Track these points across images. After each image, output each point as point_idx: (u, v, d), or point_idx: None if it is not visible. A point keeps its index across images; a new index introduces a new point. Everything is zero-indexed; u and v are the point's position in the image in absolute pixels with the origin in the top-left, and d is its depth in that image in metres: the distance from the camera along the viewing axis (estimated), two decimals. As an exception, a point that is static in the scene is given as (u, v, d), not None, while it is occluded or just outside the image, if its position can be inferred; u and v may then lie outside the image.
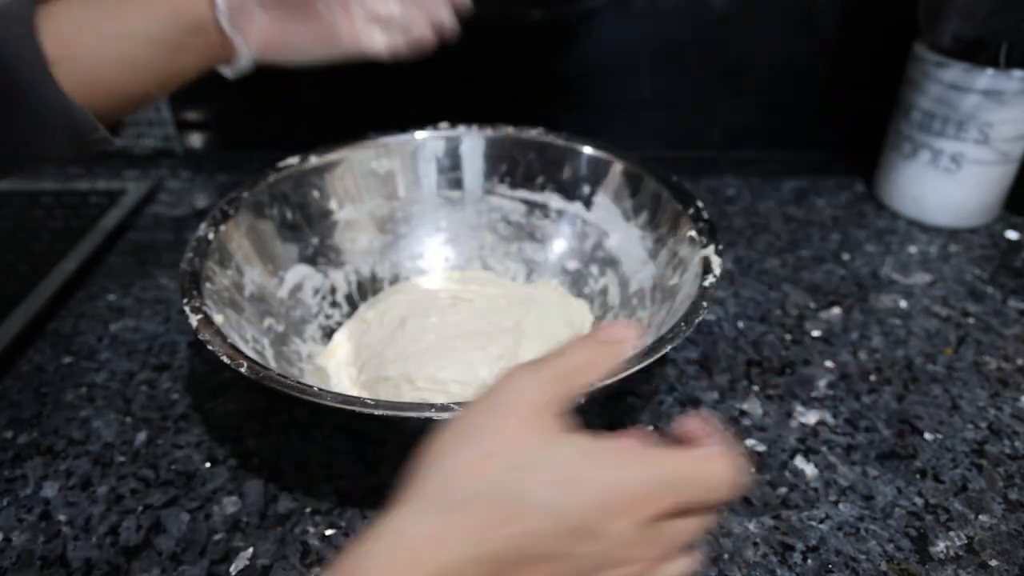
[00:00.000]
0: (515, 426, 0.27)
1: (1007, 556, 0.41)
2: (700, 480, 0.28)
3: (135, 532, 0.44)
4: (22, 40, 0.37)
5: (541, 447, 0.27)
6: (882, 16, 0.76)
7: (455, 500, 0.26)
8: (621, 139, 0.86)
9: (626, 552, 0.27)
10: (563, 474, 0.26)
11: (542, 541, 0.26)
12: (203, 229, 0.49)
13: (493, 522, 0.26)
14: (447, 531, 0.25)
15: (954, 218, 0.72)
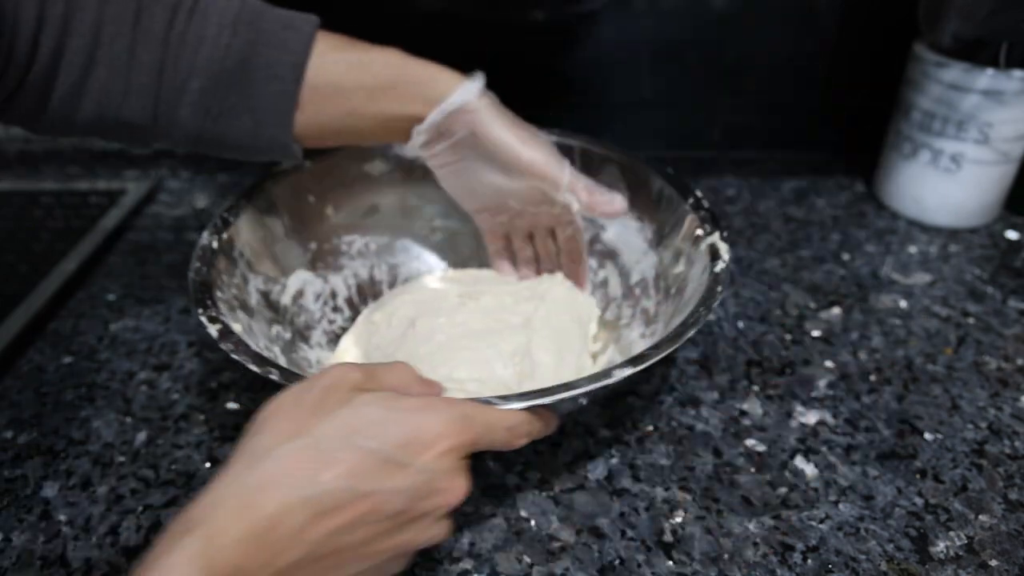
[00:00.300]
0: (331, 393, 0.32)
1: (1007, 556, 0.42)
2: (495, 421, 0.33)
3: (135, 532, 0.44)
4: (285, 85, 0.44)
5: (352, 404, 0.31)
6: (882, 16, 0.76)
7: (280, 451, 0.29)
8: (621, 139, 0.86)
9: (433, 483, 0.31)
10: (373, 420, 0.31)
11: (359, 479, 0.29)
12: (206, 238, 0.48)
13: (317, 467, 0.29)
14: (275, 477, 0.29)
15: (954, 218, 0.72)
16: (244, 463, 0.30)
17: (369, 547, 0.31)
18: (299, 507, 0.28)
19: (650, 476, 0.47)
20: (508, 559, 0.42)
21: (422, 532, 0.32)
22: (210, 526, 0.27)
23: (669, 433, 0.50)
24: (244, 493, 0.28)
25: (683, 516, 0.44)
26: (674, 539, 0.43)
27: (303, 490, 0.29)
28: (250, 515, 0.28)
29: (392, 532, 0.31)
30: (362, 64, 0.45)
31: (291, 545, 0.28)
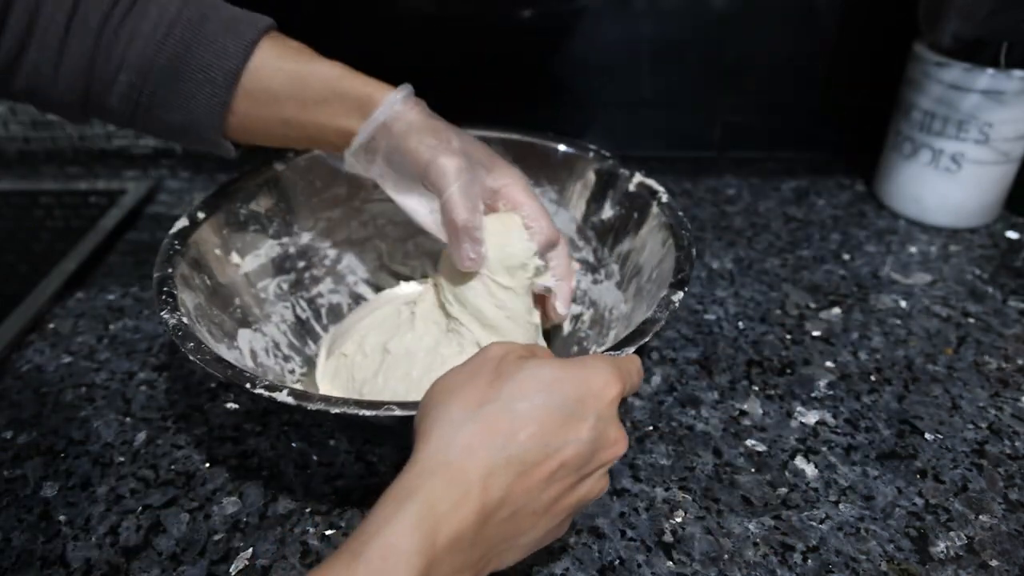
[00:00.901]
0: (503, 363, 0.33)
1: (1007, 556, 0.41)
2: (631, 366, 0.36)
3: (135, 532, 0.44)
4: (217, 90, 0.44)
5: (528, 367, 0.33)
6: (882, 16, 0.76)
7: (476, 416, 0.31)
8: (621, 139, 0.86)
9: (607, 433, 0.33)
10: (551, 378, 0.32)
11: (551, 435, 0.31)
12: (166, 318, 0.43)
13: (513, 427, 0.31)
14: (476, 441, 0.30)
15: (954, 218, 0.72)
16: (441, 433, 0.31)
17: (559, 503, 0.32)
18: (503, 467, 0.30)
19: (650, 476, 0.47)
20: (508, 559, 0.42)
21: (596, 485, 0.34)
22: (427, 494, 0.29)
23: (669, 433, 0.50)
24: (452, 460, 0.30)
25: (683, 516, 0.44)
26: (674, 539, 0.43)
27: (505, 450, 0.30)
28: (463, 479, 0.29)
29: (576, 486, 0.33)
30: (300, 76, 0.45)
31: (499, 506, 0.30)
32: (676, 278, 0.44)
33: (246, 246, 0.53)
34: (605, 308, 0.54)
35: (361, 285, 0.59)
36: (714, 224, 0.74)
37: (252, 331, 0.50)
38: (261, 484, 0.47)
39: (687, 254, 0.47)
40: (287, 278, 0.55)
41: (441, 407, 0.32)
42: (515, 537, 0.32)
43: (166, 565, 0.42)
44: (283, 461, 0.48)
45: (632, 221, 0.54)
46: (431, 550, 0.28)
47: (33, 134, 0.86)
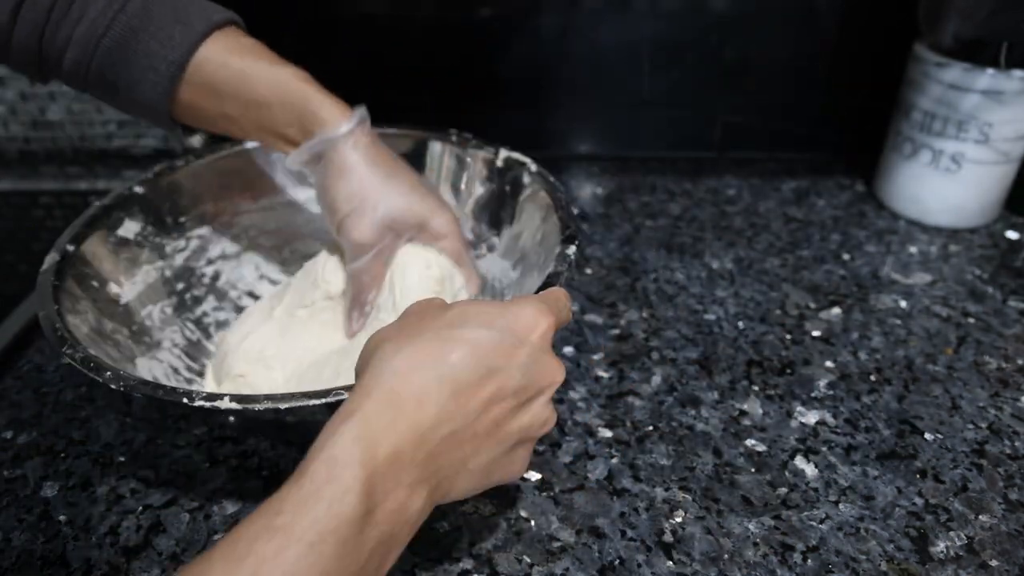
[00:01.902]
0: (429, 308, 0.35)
1: (1007, 556, 0.41)
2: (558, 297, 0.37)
3: (135, 532, 0.44)
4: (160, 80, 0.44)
5: (455, 306, 0.34)
6: (882, 16, 0.76)
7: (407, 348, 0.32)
8: (621, 139, 0.86)
9: (542, 361, 0.34)
10: (479, 311, 0.34)
11: (484, 357, 0.32)
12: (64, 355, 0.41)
13: (444, 351, 0.32)
14: (409, 365, 0.31)
15: (954, 218, 0.72)
16: (376, 366, 0.32)
17: (502, 428, 0.33)
18: (437, 386, 0.31)
19: (650, 476, 0.47)
20: (508, 559, 0.42)
21: (540, 414, 0.35)
22: (364, 412, 0.30)
23: (669, 433, 0.50)
24: (386, 383, 0.31)
25: (683, 516, 0.44)
26: (674, 539, 0.43)
27: (436, 370, 0.31)
28: (396, 399, 0.30)
29: (516, 412, 0.34)
30: (245, 75, 0.45)
31: (436, 424, 0.31)
32: (564, 235, 0.47)
33: (121, 274, 0.51)
34: (494, 279, 0.56)
35: (244, 299, 0.59)
36: (714, 224, 0.74)
37: (148, 359, 0.49)
38: (261, 484, 0.47)
39: (568, 212, 0.49)
40: (169, 302, 0.54)
41: (375, 350, 0.33)
42: (463, 460, 0.32)
43: (166, 565, 0.42)
44: (283, 461, 0.48)
45: (506, 194, 0.56)
46: (372, 462, 0.29)
47: (33, 134, 0.86)
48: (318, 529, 0.27)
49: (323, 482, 0.28)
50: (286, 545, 0.26)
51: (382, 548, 0.29)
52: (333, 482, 0.28)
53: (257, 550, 0.26)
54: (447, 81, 0.81)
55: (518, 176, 0.55)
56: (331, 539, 0.27)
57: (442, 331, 0.33)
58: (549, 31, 0.78)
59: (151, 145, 0.87)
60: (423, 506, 0.31)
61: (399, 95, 0.80)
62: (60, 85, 0.82)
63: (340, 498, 0.27)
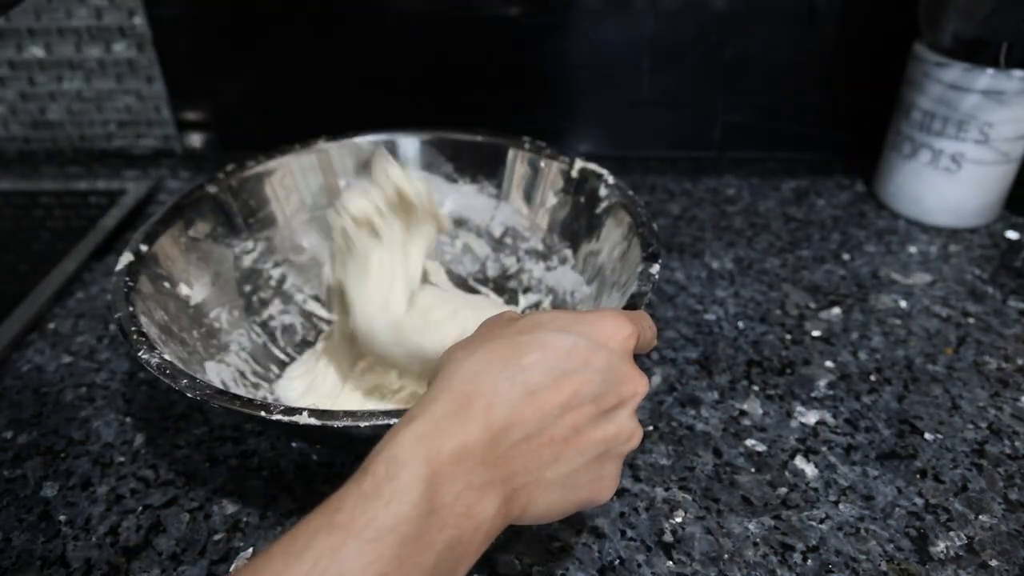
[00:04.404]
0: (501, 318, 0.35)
1: (1007, 556, 0.41)
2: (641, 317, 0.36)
3: (135, 532, 0.44)
4: None
5: (525, 317, 0.34)
6: (882, 16, 0.76)
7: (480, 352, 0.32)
8: (621, 139, 0.86)
9: (622, 368, 0.33)
10: (554, 316, 0.33)
11: (559, 360, 0.31)
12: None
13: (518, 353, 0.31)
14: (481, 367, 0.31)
15: (954, 218, 0.72)
16: (446, 371, 0.31)
17: (581, 437, 0.31)
18: (509, 386, 0.30)
19: (650, 476, 0.47)
20: (508, 559, 0.42)
21: (624, 425, 0.33)
22: (429, 413, 0.29)
23: (669, 433, 0.50)
24: (455, 386, 0.30)
25: (683, 516, 0.44)
26: (674, 539, 0.43)
27: (508, 371, 0.31)
28: (465, 401, 0.30)
29: (596, 421, 0.32)
30: None
31: (508, 426, 0.30)
32: (647, 252, 0.46)
33: (191, 275, 0.50)
34: (565, 292, 0.56)
35: (310, 303, 0.58)
36: (714, 224, 0.74)
37: (217, 363, 0.48)
38: (261, 484, 0.47)
39: (650, 229, 0.48)
40: (237, 304, 0.53)
41: (446, 360, 0.33)
42: (540, 469, 0.31)
43: (166, 565, 0.42)
44: (283, 461, 0.48)
45: (581, 206, 0.55)
46: (435, 460, 0.28)
47: (33, 134, 0.86)
48: (376, 527, 0.26)
49: (383, 480, 0.27)
50: (345, 541, 0.26)
51: (451, 555, 0.28)
52: (393, 480, 0.27)
53: (316, 545, 0.26)
54: (447, 81, 0.81)
55: (595, 188, 0.54)
56: (390, 538, 0.26)
57: (515, 336, 0.32)
58: (549, 31, 0.78)
59: (151, 145, 0.87)
60: (496, 513, 0.29)
61: (398, 96, 0.80)
62: (59, 84, 0.82)
63: (400, 496, 0.27)
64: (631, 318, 0.35)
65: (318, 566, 0.25)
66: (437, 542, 0.27)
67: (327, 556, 0.25)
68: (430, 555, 0.27)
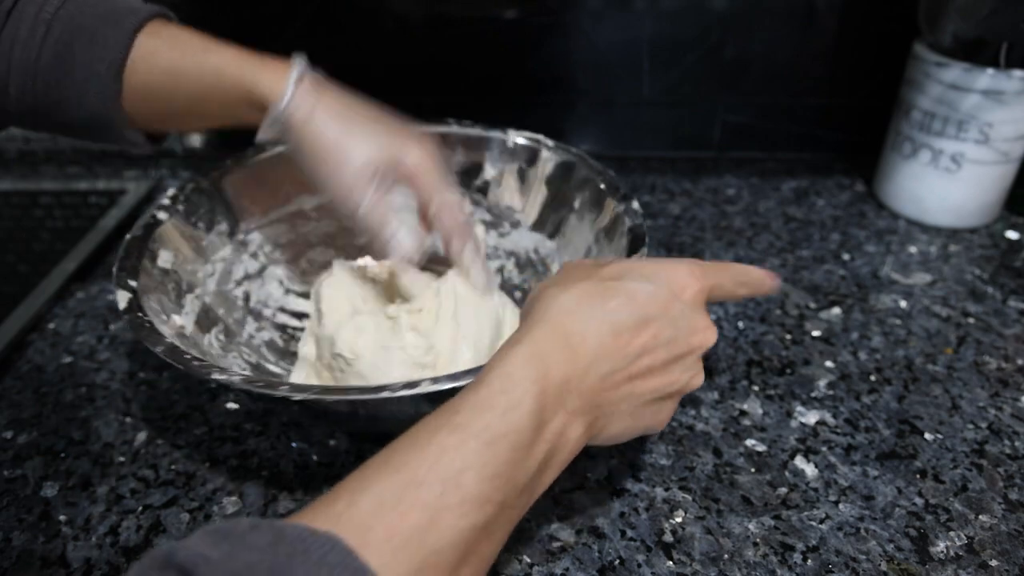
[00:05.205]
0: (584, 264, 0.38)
1: (1007, 556, 0.41)
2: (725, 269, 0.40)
3: (135, 532, 0.44)
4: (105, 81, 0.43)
5: (615, 261, 0.37)
6: (882, 16, 0.76)
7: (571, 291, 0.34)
8: (621, 139, 0.86)
9: (694, 319, 0.36)
10: (638, 266, 0.36)
11: (641, 306, 0.34)
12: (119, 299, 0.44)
13: (605, 297, 0.34)
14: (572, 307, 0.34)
15: (954, 218, 0.72)
16: (542, 304, 0.34)
17: (654, 376, 0.35)
18: (598, 324, 0.33)
19: (650, 476, 0.47)
20: (508, 559, 0.42)
21: (687, 372, 0.36)
22: (534, 339, 0.32)
23: (669, 433, 0.50)
24: (553, 317, 0.33)
25: (683, 516, 0.44)
26: (674, 539, 0.43)
27: (599, 311, 0.34)
28: (563, 331, 0.33)
29: (669, 365, 0.35)
30: (176, 72, 0.44)
31: (596, 360, 0.33)
32: (620, 193, 0.52)
33: (176, 305, 0.49)
34: (527, 251, 0.59)
35: (280, 315, 0.58)
36: (714, 224, 0.74)
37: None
38: (261, 484, 0.47)
39: (608, 176, 0.54)
40: (219, 328, 0.52)
41: (540, 295, 0.36)
42: (618, 400, 0.34)
43: (166, 565, 0.42)
44: (283, 461, 0.48)
45: (523, 171, 0.59)
46: (543, 381, 0.31)
47: (33, 134, 0.86)
48: (492, 432, 0.29)
49: (498, 392, 0.30)
50: (465, 440, 0.29)
51: (544, 466, 0.31)
52: (507, 393, 0.30)
53: (439, 440, 0.29)
54: (446, 81, 0.81)
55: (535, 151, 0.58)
56: (503, 443, 0.29)
57: (603, 280, 0.35)
58: (549, 31, 0.78)
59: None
60: (581, 435, 0.33)
61: (397, 95, 0.80)
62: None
63: (515, 407, 0.30)
64: (705, 272, 0.37)
65: (443, 458, 0.28)
66: (538, 453, 0.31)
67: (451, 451, 0.28)
68: (532, 463, 0.30)
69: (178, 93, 0.45)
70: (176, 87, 0.45)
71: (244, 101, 0.45)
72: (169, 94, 0.45)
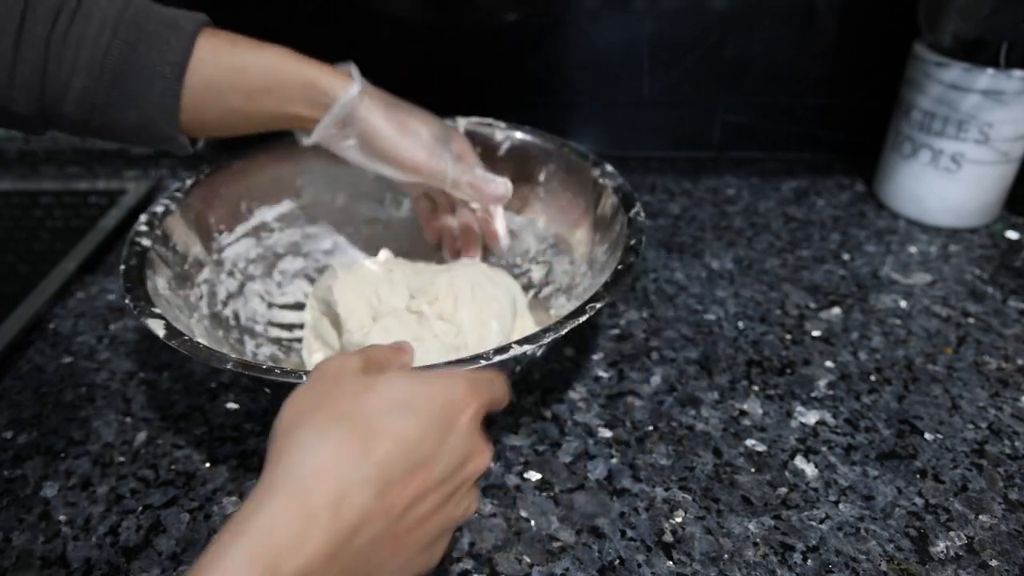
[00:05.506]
0: (347, 380, 0.32)
1: (1007, 556, 0.42)
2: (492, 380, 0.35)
3: (135, 532, 0.44)
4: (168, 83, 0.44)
5: (378, 385, 0.31)
6: (882, 16, 0.76)
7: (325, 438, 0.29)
8: (621, 139, 0.86)
9: (469, 447, 0.32)
10: (404, 395, 0.31)
11: (409, 450, 0.29)
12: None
13: (367, 445, 0.29)
14: (327, 463, 0.28)
15: (954, 218, 0.72)
16: (290, 458, 0.28)
17: (425, 524, 0.31)
18: (359, 488, 0.28)
19: (650, 476, 0.47)
20: (508, 559, 0.42)
21: (461, 504, 0.33)
22: (266, 522, 0.26)
23: (669, 433, 0.50)
24: (300, 483, 0.27)
25: (683, 516, 0.44)
26: (674, 539, 0.43)
27: (360, 470, 0.28)
28: (308, 507, 0.27)
29: (443, 505, 0.31)
30: (238, 68, 0.46)
31: (355, 530, 0.28)
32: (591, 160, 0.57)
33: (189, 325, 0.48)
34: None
35: (273, 330, 0.57)
36: (714, 224, 0.74)
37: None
38: (261, 484, 0.46)
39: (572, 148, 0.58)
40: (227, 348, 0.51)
41: (291, 431, 0.30)
42: (380, 564, 0.29)
43: (166, 565, 0.42)
44: (283, 461, 0.48)
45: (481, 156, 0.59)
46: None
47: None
48: None
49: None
50: None
51: None
52: None
53: None
54: (446, 81, 0.81)
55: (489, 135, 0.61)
56: None
57: (368, 418, 0.30)
58: (549, 31, 0.78)
59: (151, 145, 0.87)
60: None
61: (397, 95, 0.79)
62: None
63: None
64: (478, 390, 0.33)
65: None
66: None
67: None
68: None
69: (239, 88, 0.46)
70: (238, 82, 0.46)
71: (305, 94, 0.47)
72: (230, 89, 0.46)
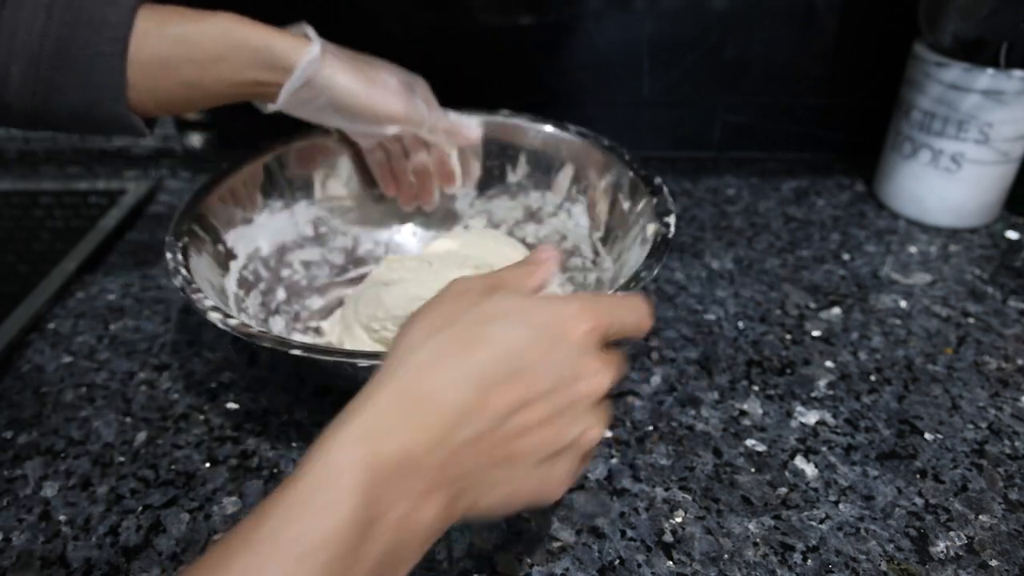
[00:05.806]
0: (466, 295, 0.33)
1: (1007, 556, 0.41)
2: (625, 306, 0.34)
3: (135, 532, 0.44)
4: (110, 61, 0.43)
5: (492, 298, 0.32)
6: (882, 16, 0.76)
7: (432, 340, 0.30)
8: (621, 139, 0.86)
9: (581, 365, 0.31)
10: (515, 307, 0.31)
11: (513, 356, 0.30)
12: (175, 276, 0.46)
13: (471, 347, 0.29)
14: (430, 360, 0.29)
15: (954, 218, 0.72)
16: (398, 356, 0.30)
17: (530, 436, 0.30)
18: (460, 382, 0.28)
19: (650, 476, 0.47)
20: (508, 559, 0.42)
21: (576, 424, 0.31)
22: (371, 409, 0.27)
23: (669, 433, 0.50)
24: (402, 376, 0.29)
25: (683, 516, 0.44)
26: (674, 539, 0.43)
27: (463, 366, 0.29)
28: (410, 394, 0.28)
29: (551, 419, 0.30)
30: (187, 38, 0.44)
31: (456, 425, 0.28)
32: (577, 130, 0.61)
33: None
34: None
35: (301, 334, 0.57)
36: (714, 224, 0.74)
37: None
38: (261, 484, 0.47)
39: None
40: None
41: (403, 336, 0.31)
42: (491, 467, 0.29)
43: (166, 565, 0.42)
44: (283, 461, 0.48)
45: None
46: (376, 463, 0.26)
47: (33, 134, 0.86)
48: (305, 544, 0.24)
49: (315, 488, 0.25)
50: (272, 557, 0.24)
51: (387, 561, 0.26)
52: (325, 488, 0.25)
53: (240, 563, 0.24)
54: (447, 81, 0.80)
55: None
56: (320, 555, 0.24)
57: (474, 325, 0.30)
58: (549, 31, 0.78)
59: (151, 145, 0.87)
60: (436, 517, 0.28)
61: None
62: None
63: (333, 507, 0.25)
64: (598, 310, 0.32)
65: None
66: (372, 553, 0.25)
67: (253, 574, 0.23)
68: (364, 567, 0.25)
69: (191, 59, 0.45)
70: (189, 52, 0.45)
71: (261, 58, 0.46)
72: (181, 61, 0.45)
